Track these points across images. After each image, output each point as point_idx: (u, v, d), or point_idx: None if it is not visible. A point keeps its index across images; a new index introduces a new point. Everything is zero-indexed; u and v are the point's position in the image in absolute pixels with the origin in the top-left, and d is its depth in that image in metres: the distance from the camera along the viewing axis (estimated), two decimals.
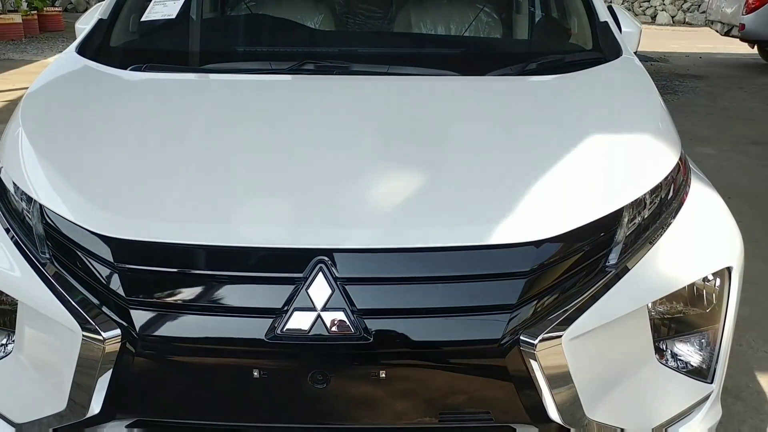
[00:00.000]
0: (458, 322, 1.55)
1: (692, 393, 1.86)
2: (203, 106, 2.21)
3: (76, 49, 2.46)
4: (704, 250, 1.83)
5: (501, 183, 1.76)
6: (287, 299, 1.52)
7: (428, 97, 2.26)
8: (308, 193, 1.74)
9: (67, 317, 1.58)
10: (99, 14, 2.62)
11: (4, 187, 1.88)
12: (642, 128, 2.03)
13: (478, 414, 1.62)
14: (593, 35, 2.59)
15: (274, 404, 1.62)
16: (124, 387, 1.60)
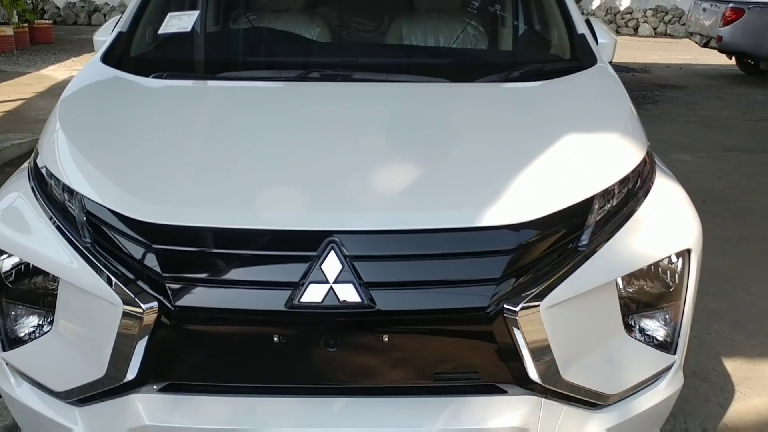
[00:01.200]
0: (450, 293, 1.77)
1: (657, 363, 2.09)
2: (222, 108, 2.46)
3: (100, 59, 2.70)
4: (666, 234, 2.06)
5: (488, 173, 1.99)
6: (303, 274, 1.75)
7: (422, 100, 2.51)
8: (320, 182, 1.97)
9: (109, 293, 1.79)
10: (119, 27, 2.85)
11: (45, 182, 2.10)
12: (612, 127, 2.27)
13: (468, 374, 1.85)
14: (571, 46, 2.84)
15: (291, 366, 1.83)
16: (158, 354, 1.80)
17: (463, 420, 1.83)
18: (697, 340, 3.46)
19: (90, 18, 21.95)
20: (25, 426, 2.19)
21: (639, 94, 10.53)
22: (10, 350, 2.08)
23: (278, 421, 1.84)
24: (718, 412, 2.92)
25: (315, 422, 1.84)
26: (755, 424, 2.86)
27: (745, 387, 3.10)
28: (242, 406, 1.86)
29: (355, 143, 2.19)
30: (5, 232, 2.05)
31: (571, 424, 1.93)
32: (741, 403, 2.99)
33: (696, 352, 3.35)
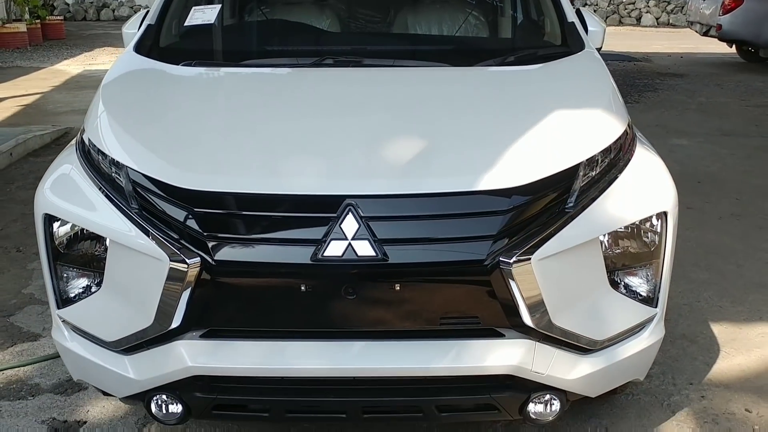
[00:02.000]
0: (453, 248, 2.02)
1: (640, 314, 2.34)
2: (249, 90, 2.73)
3: (133, 49, 2.97)
4: (644, 198, 2.30)
5: (485, 144, 2.25)
6: (325, 232, 2.00)
7: (427, 81, 2.77)
8: (338, 153, 2.23)
9: (157, 251, 2.05)
10: (147, 20, 3.12)
11: (92, 157, 2.36)
12: (596, 104, 2.52)
13: (470, 319, 2.10)
14: (562, 33, 3.08)
15: (315, 313, 2.09)
16: (199, 304, 2.05)
17: (466, 359, 2.09)
18: (687, 307, 3.71)
19: (99, 14, 22.28)
20: (79, 375, 2.45)
21: (640, 83, 10.75)
22: (63, 308, 2.35)
23: (304, 361, 2.11)
24: (704, 369, 3.17)
25: (336, 361, 2.10)
26: (737, 379, 3.11)
27: (730, 348, 3.35)
28: (273, 348, 2.12)
29: (368, 119, 2.46)
30: (59, 201, 2.31)
31: (562, 365, 2.18)
32: (725, 361, 3.24)
33: (686, 318, 3.61)
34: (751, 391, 3.02)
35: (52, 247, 2.33)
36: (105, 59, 13.14)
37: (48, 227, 2.32)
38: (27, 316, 3.60)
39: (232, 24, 3.38)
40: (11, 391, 2.99)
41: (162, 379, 2.16)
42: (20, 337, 3.40)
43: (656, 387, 3.02)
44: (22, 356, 3.24)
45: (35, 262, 4.22)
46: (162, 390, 2.20)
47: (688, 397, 2.96)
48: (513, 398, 2.18)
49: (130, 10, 22.07)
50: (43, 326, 3.50)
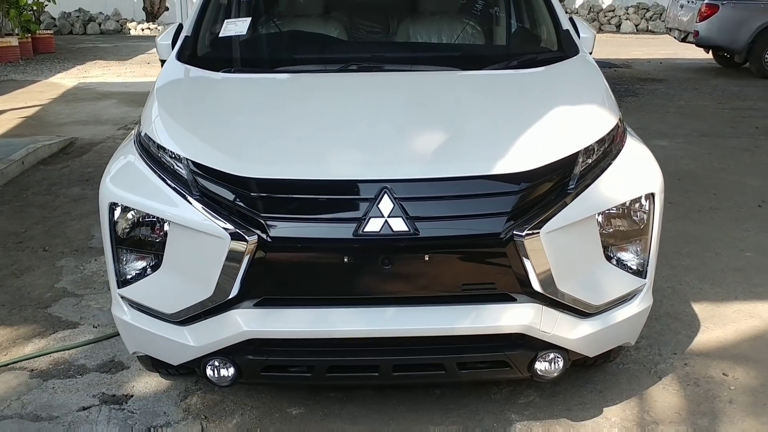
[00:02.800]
0: (474, 223, 2.36)
1: (631, 284, 2.67)
2: (288, 91, 3.09)
3: (176, 57, 3.31)
4: (634, 181, 2.64)
5: (499, 135, 2.59)
6: (365, 211, 2.33)
7: (443, 83, 3.11)
8: (374, 144, 2.58)
9: (219, 230, 2.35)
10: (184, 32, 3.45)
11: (150, 151, 2.67)
12: (591, 101, 2.88)
13: (487, 285, 2.43)
14: (558, 40, 3.43)
15: (356, 281, 2.42)
16: (255, 276, 2.36)
17: (484, 320, 2.43)
18: (670, 290, 4.07)
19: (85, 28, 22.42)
20: (136, 347, 2.75)
21: (621, 88, 11.15)
22: (124, 287, 2.65)
23: (345, 325, 2.43)
24: (686, 342, 3.52)
25: (373, 324, 2.42)
26: (715, 349, 3.47)
27: (709, 323, 3.70)
28: (318, 315, 2.44)
29: (395, 115, 2.80)
30: (122, 192, 2.61)
31: (565, 326, 2.51)
32: (705, 334, 3.59)
33: (669, 299, 3.96)
34: (728, 359, 3.37)
35: (115, 232, 2.62)
36: (97, 72, 13.39)
37: (111, 215, 2.62)
38: (63, 308, 3.89)
39: (257, 35, 3.71)
40: (60, 371, 3.28)
41: (219, 344, 2.47)
42: (60, 326, 3.69)
43: (644, 357, 3.37)
44: (65, 341, 3.53)
45: (63, 259, 4.52)
46: (217, 355, 2.51)
47: (673, 365, 3.31)
48: (523, 356, 2.52)
49: (116, 24, 22.25)
50: (80, 315, 3.79)
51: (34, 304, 3.93)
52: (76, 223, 5.18)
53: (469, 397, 3.02)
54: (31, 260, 4.53)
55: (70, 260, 4.51)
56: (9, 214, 5.44)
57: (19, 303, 3.94)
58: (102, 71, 13.47)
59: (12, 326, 3.69)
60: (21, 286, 4.16)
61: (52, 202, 5.68)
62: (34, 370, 3.29)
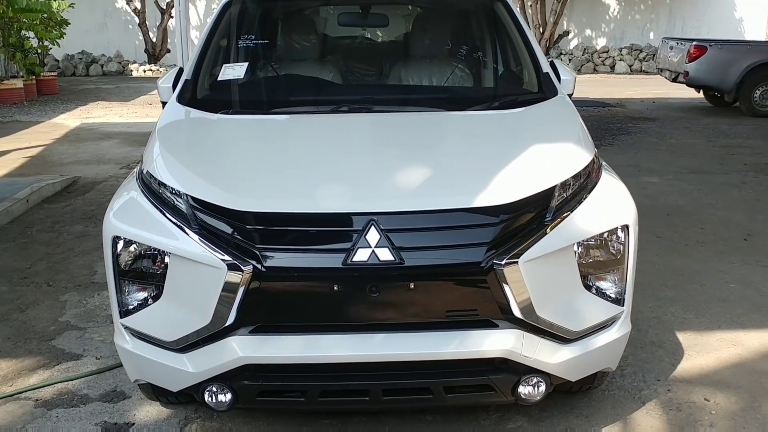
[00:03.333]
0: (456, 253, 2.50)
1: (609, 311, 2.81)
2: (282, 131, 3.26)
3: (176, 100, 3.49)
4: (608, 213, 2.78)
5: (480, 171, 2.75)
6: (353, 242, 2.48)
7: (427, 123, 3.29)
8: (361, 180, 2.74)
9: (216, 261, 2.50)
10: (184, 76, 3.64)
11: (152, 187, 2.82)
12: (567, 139, 3.04)
13: (470, 312, 2.57)
14: (538, 82, 3.62)
15: (347, 308, 2.55)
16: (250, 304, 2.49)
17: (468, 345, 2.56)
18: (656, 320, 4.20)
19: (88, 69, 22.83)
20: (138, 375, 2.87)
21: (614, 127, 11.39)
22: (126, 317, 2.79)
23: (336, 350, 2.56)
24: (669, 369, 3.64)
25: (362, 349, 2.55)
26: (698, 376, 3.58)
27: (692, 351, 3.82)
28: (310, 341, 2.57)
29: (382, 152, 2.98)
30: (125, 226, 2.76)
31: (546, 351, 2.64)
32: (688, 362, 3.72)
33: (654, 328, 4.09)
34: (710, 385, 3.49)
35: (117, 264, 2.77)
36: (100, 113, 13.66)
37: (114, 248, 2.77)
38: (67, 340, 4.01)
39: (254, 79, 3.91)
40: (64, 401, 3.39)
41: (216, 370, 2.60)
42: (64, 357, 3.81)
43: (629, 384, 3.49)
44: (69, 372, 3.65)
45: (66, 294, 4.65)
46: (214, 381, 2.64)
47: (656, 391, 3.43)
48: (506, 380, 2.64)
49: (118, 66, 22.67)
50: (83, 347, 3.91)
51: (38, 336, 4.06)
52: (79, 259, 5.32)
53: (460, 422, 3.13)
54: (36, 295, 4.67)
55: (73, 295, 4.64)
56: (14, 250, 5.59)
57: (24, 336, 4.07)
58: (104, 112, 13.74)
59: (17, 358, 3.81)
60: (26, 319, 4.29)
61: (56, 239, 5.84)
62: (38, 400, 3.40)
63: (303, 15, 4.56)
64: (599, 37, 23.89)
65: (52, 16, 16.34)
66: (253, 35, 4.14)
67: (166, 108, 3.46)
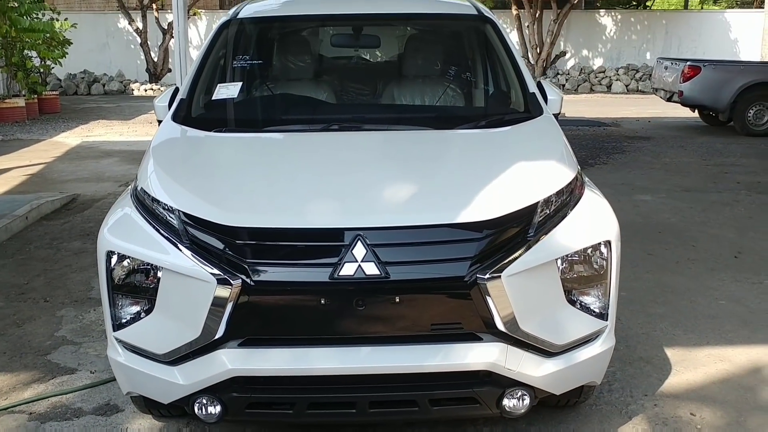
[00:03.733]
0: (440, 267, 2.56)
1: (593, 326, 2.85)
2: (274, 148, 3.32)
3: (171, 118, 3.57)
4: (590, 229, 2.84)
5: (464, 187, 2.81)
6: (340, 257, 2.53)
7: (415, 140, 3.36)
8: (348, 196, 2.80)
9: (206, 275, 2.55)
10: (179, 95, 3.72)
11: (146, 203, 2.88)
12: (551, 157, 3.11)
13: (454, 325, 2.62)
14: (525, 102, 3.69)
15: (334, 321, 2.60)
16: (238, 317, 2.54)
17: (452, 358, 2.61)
18: (644, 335, 4.25)
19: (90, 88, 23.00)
20: (130, 387, 2.92)
21: (609, 146, 11.48)
22: (119, 330, 2.84)
23: (323, 362, 2.61)
24: (657, 384, 3.68)
25: (348, 362, 2.60)
26: (685, 391, 3.63)
27: (680, 366, 3.87)
28: (297, 353, 2.62)
29: (369, 170, 3.04)
30: (118, 241, 2.82)
31: (530, 364, 2.69)
32: (675, 377, 3.76)
33: (643, 344, 4.14)
34: (696, 400, 3.53)
35: (111, 279, 2.83)
36: (101, 131, 13.77)
37: (108, 262, 2.83)
38: (62, 355, 4.06)
39: (247, 98, 3.99)
40: (58, 414, 3.43)
41: (206, 383, 2.64)
42: (59, 372, 3.86)
43: (616, 399, 3.53)
44: (63, 386, 3.70)
45: (63, 310, 4.71)
46: (204, 393, 2.68)
47: (643, 406, 3.47)
48: (491, 392, 2.69)
49: (120, 85, 22.84)
50: (78, 362, 3.96)
51: (34, 351, 4.10)
52: (77, 275, 5.38)
53: None
54: (33, 310, 4.72)
55: (69, 310, 4.69)
56: (12, 267, 5.65)
57: (20, 351, 4.12)
58: (105, 130, 13.85)
59: (12, 372, 3.86)
60: (22, 334, 4.34)
61: (54, 256, 5.90)
62: (32, 414, 3.44)
63: (298, 36, 4.65)
64: (596, 57, 24.08)
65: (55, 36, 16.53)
66: (248, 56, 4.23)
67: (161, 126, 3.54)
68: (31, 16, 15.44)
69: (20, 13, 14.94)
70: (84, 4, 24.28)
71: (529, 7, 21.85)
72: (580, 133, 12.85)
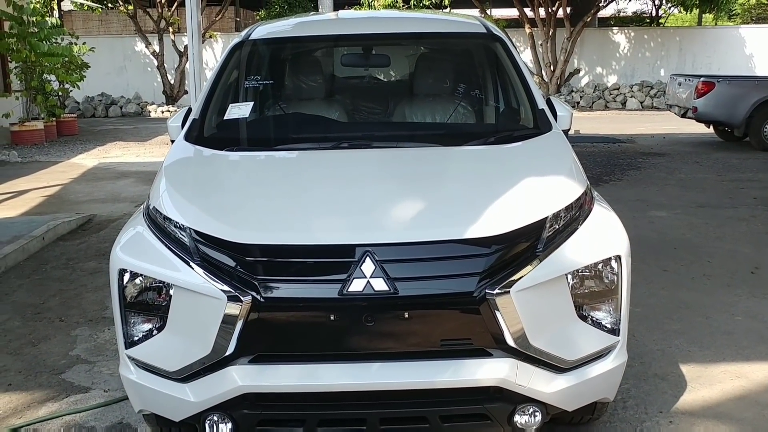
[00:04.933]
0: (449, 282, 2.56)
1: (604, 341, 2.83)
2: (283, 167, 3.35)
3: (184, 138, 3.60)
4: (600, 244, 2.83)
5: (473, 203, 2.81)
6: (349, 273, 2.54)
7: (424, 157, 3.38)
8: (357, 213, 2.81)
9: (217, 292, 2.57)
10: (192, 116, 3.76)
11: (158, 222, 2.92)
12: (559, 173, 3.11)
13: (464, 340, 2.61)
14: (534, 118, 3.70)
15: (343, 337, 2.60)
16: (249, 333, 2.55)
17: (462, 374, 2.60)
18: (659, 352, 4.21)
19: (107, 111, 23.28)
20: (142, 405, 2.92)
21: (624, 162, 11.44)
22: (131, 348, 2.86)
23: (333, 379, 2.60)
24: (672, 401, 3.64)
25: (358, 378, 2.60)
26: (701, 408, 3.58)
27: (696, 383, 3.83)
28: (307, 370, 2.62)
29: (378, 186, 3.06)
30: (131, 259, 2.85)
31: (541, 380, 2.67)
32: (691, 394, 3.72)
33: (658, 360, 4.10)
34: (712, 417, 3.49)
35: (123, 296, 2.85)
36: (117, 152, 13.91)
37: (120, 280, 2.85)
38: (76, 374, 4.08)
39: (259, 117, 4.03)
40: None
41: (216, 399, 2.65)
42: (72, 390, 3.88)
43: (631, 416, 3.49)
44: (77, 405, 3.71)
45: (77, 329, 4.74)
46: (215, 410, 2.69)
47: (658, 423, 3.43)
48: (502, 409, 2.67)
49: (137, 107, 23.10)
50: (91, 380, 3.98)
51: (48, 370, 4.13)
52: (92, 294, 5.42)
53: None
54: (48, 330, 4.76)
55: (84, 330, 4.73)
56: (28, 286, 5.70)
57: (34, 369, 4.15)
58: (122, 152, 14.00)
59: (27, 391, 3.88)
60: (37, 354, 4.37)
61: (69, 276, 5.95)
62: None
63: (310, 56, 4.69)
64: (610, 74, 24.06)
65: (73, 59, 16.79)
66: (260, 76, 4.27)
67: (174, 146, 3.57)
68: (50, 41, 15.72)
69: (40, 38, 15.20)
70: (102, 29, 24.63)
71: (542, 26, 21.92)
72: (595, 150, 12.81)
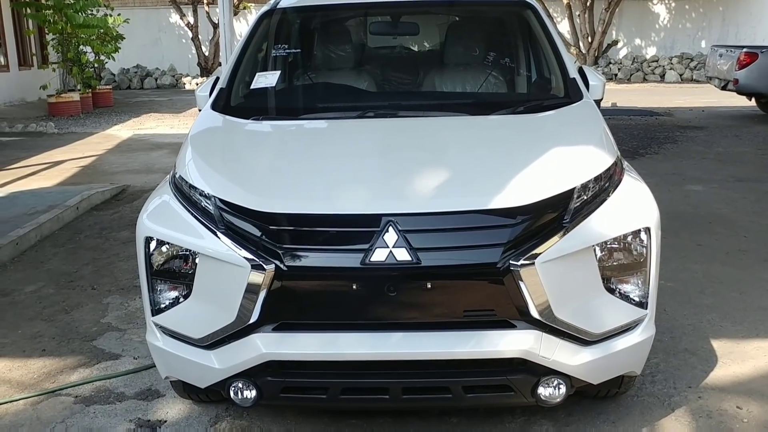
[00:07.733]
0: (473, 253, 2.53)
1: (632, 314, 2.78)
2: (308, 136, 3.34)
3: (210, 107, 3.61)
4: (629, 216, 2.77)
5: (499, 172, 2.78)
6: (371, 242, 2.53)
7: (451, 127, 3.34)
8: (381, 181, 2.79)
9: (241, 260, 2.58)
10: (219, 85, 3.76)
11: (184, 190, 2.93)
12: (589, 142, 3.04)
13: (487, 312, 2.59)
14: (565, 87, 3.63)
15: (364, 306, 2.60)
16: (273, 301, 2.56)
17: (485, 345, 2.58)
18: (690, 327, 4.14)
19: (143, 82, 23.51)
20: (168, 371, 2.97)
21: (661, 135, 11.22)
22: (157, 315, 2.89)
23: (355, 348, 2.61)
24: (702, 376, 3.58)
25: (380, 347, 2.60)
26: (731, 383, 3.52)
27: (727, 359, 3.75)
28: (329, 338, 2.62)
29: (403, 155, 3.03)
30: (157, 227, 2.87)
31: (566, 352, 2.64)
32: (722, 369, 3.65)
33: (689, 335, 4.03)
34: (743, 393, 3.42)
35: (150, 264, 2.88)
36: (152, 124, 14.05)
37: (147, 248, 2.87)
38: (107, 341, 4.15)
39: (287, 87, 4.01)
40: (101, 398, 3.51)
41: (241, 366, 2.67)
42: (103, 357, 3.95)
43: (659, 390, 3.44)
44: (107, 371, 3.78)
45: (109, 297, 4.82)
46: (239, 377, 2.71)
47: (687, 398, 3.38)
48: (525, 380, 2.65)
49: (172, 79, 23.28)
50: (122, 348, 4.04)
51: (81, 337, 4.21)
52: (124, 264, 5.50)
53: (484, 425, 3.14)
54: (80, 298, 4.84)
55: (116, 298, 4.80)
56: (63, 255, 5.80)
57: (67, 336, 4.23)
58: (156, 123, 14.13)
59: (60, 357, 3.96)
60: (70, 321, 4.45)
61: (103, 245, 6.04)
62: (78, 397, 3.53)
63: (339, 25, 4.65)
64: (649, 46, 23.58)
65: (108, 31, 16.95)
66: (288, 45, 4.25)
67: (200, 115, 3.58)
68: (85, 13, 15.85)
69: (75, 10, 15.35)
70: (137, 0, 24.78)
71: None
72: (631, 123, 12.59)
